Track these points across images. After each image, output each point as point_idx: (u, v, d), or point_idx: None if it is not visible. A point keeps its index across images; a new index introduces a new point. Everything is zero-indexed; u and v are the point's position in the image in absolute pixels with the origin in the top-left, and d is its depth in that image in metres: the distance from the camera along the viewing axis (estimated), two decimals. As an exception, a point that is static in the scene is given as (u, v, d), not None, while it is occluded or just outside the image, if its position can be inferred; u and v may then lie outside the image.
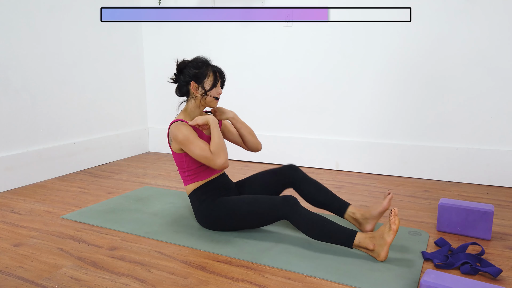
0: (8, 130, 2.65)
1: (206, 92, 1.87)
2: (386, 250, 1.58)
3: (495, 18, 2.57)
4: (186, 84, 1.88)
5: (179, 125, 1.82)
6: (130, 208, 2.25)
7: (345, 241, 1.63)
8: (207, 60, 1.90)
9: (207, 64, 1.88)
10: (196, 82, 1.86)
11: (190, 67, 1.86)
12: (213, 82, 1.87)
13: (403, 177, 2.94)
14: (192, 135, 1.79)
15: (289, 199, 1.72)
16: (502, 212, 2.18)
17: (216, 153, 1.76)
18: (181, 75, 1.89)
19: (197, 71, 1.85)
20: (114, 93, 3.52)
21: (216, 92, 1.89)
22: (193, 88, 1.87)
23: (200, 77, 1.85)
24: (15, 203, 2.36)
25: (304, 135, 3.25)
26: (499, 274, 1.46)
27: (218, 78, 1.89)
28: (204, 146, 1.78)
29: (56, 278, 1.49)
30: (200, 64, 1.86)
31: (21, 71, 2.71)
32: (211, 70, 1.87)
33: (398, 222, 1.57)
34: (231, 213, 1.81)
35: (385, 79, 2.92)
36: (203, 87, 1.86)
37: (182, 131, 1.79)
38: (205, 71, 1.86)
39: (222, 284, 1.45)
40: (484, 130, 2.69)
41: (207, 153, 1.76)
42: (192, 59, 1.91)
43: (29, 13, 2.73)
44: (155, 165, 3.35)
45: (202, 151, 1.76)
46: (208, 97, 1.88)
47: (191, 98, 1.91)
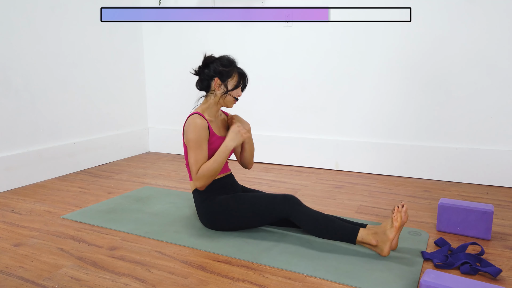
0: (8, 130, 2.65)
1: (228, 91, 1.87)
2: (389, 246, 1.59)
3: (495, 18, 2.57)
4: (209, 78, 1.88)
5: (196, 119, 1.82)
6: (130, 208, 2.25)
7: (349, 237, 1.65)
8: (234, 61, 1.91)
9: (234, 65, 1.89)
10: (220, 79, 1.86)
11: (218, 63, 1.87)
12: (236, 83, 1.87)
13: (403, 177, 2.94)
14: (200, 141, 1.80)
15: (290, 197, 1.75)
16: (502, 212, 2.18)
17: (201, 177, 1.78)
18: (206, 69, 1.88)
19: (224, 69, 1.85)
20: (114, 93, 3.52)
21: (237, 93, 1.89)
22: (216, 84, 1.87)
23: (225, 75, 1.85)
24: (15, 203, 2.36)
25: (304, 135, 3.25)
26: (499, 274, 1.46)
27: (241, 81, 1.90)
28: (200, 159, 1.79)
29: (56, 278, 1.49)
30: (228, 63, 1.87)
31: (22, 71, 2.71)
32: (237, 71, 1.88)
33: (400, 220, 1.58)
34: (231, 211, 1.82)
35: (385, 79, 2.92)
36: (226, 86, 1.86)
37: (196, 131, 1.80)
38: (231, 71, 1.86)
39: (222, 284, 1.45)
40: (484, 130, 2.69)
41: (195, 169, 1.78)
42: (220, 56, 1.91)
43: (29, 13, 2.73)
44: (155, 165, 3.35)
45: (194, 164, 1.79)
46: (228, 97, 1.88)
47: (211, 94, 1.90)
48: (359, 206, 2.31)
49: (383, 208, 2.27)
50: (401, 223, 1.59)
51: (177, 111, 3.79)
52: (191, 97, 3.68)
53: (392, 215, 1.60)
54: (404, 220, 1.61)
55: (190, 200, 2.37)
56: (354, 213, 2.19)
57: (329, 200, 2.41)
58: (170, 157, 3.69)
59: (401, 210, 1.61)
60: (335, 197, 2.47)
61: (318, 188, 2.68)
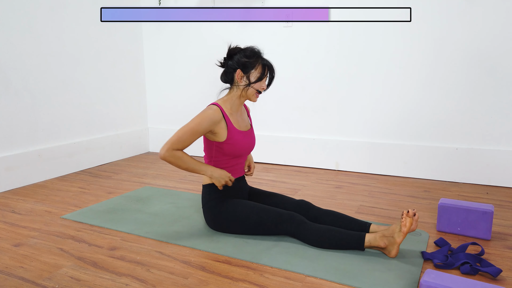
0: (8, 130, 2.65)
1: (250, 84, 1.80)
2: (396, 249, 1.61)
3: (495, 18, 2.57)
4: (232, 71, 1.81)
5: (210, 109, 1.77)
6: (130, 208, 2.25)
7: (356, 245, 1.65)
8: (259, 52, 1.83)
9: (258, 56, 1.81)
10: (242, 71, 1.80)
11: (241, 54, 1.80)
12: (259, 75, 1.80)
13: (403, 177, 2.94)
14: (197, 129, 1.73)
15: (296, 216, 1.76)
16: (502, 212, 2.18)
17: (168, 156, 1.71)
18: (229, 61, 1.82)
19: (247, 60, 1.78)
20: (114, 93, 3.52)
21: (260, 86, 1.82)
22: (238, 76, 1.80)
23: (248, 66, 1.79)
24: (15, 203, 2.36)
25: (304, 135, 3.25)
26: (499, 274, 1.46)
27: (266, 73, 1.82)
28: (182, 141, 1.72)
29: (56, 278, 1.49)
30: (251, 54, 1.80)
31: (21, 71, 2.71)
32: (261, 62, 1.80)
33: (409, 225, 1.57)
34: (237, 218, 1.81)
35: (385, 79, 2.92)
36: (248, 78, 1.80)
37: (201, 118, 1.74)
38: (255, 62, 1.79)
39: (222, 284, 1.45)
40: (484, 130, 2.69)
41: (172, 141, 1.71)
42: (244, 47, 1.84)
43: (29, 13, 2.73)
44: (155, 165, 3.35)
45: (175, 137, 1.72)
46: (251, 89, 1.81)
47: (234, 86, 1.84)
48: (359, 206, 2.31)
49: (383, 208, 2.27)
50: (409, 229, 1.58)
51: (177, 111, 3.79)
52: (191, 97, 3.69)
53: (401, 220, 1.60)
54: (413, 227, 1.59)
55: (190, 200, 2.37)
56: (354, 213, 2.19)
57: (329, 200, 2.41)
58: (170, 157, 3.68)
59: (411, 216, 1.59)
60: (335, 197, 2.47)
61: (318, 188, 2.68)
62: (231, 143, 1.82)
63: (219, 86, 1.94)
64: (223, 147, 1.82)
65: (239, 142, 1.84)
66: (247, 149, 1.91)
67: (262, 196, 2.00)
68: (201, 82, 3.60)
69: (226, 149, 1.82)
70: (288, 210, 1.87)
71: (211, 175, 1.78)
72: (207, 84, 3.56)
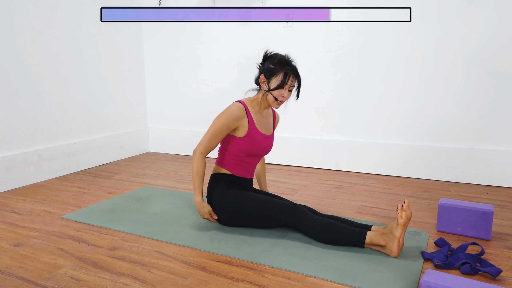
0: (8, 130, 2.65)
1: (269, 90, 1.83)
2: (396, 245, 1.60)
3: (495, 18, 2.57)
4: (259, 73, 1.88)
5: (233, 106, 1.83)
6: (130, 208, 2.25)
7: (357, 241, 1.66)
8: (285, 60, 1.84)
9: (282, 63, 1.82)
10: (265, 76, 1.84)
11: (269, 60, 1.84)
12: (279, 83, 1.81)
13: (403, 177, 2.94)
14: (222, 127, 1.80)
15: (299, 207, 1.77)
16: (502, 212, 2.18)
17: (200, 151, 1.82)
18: (261, 65, 1.89)
19: (270, 66, 1.82)
20: (114, 93, 3.52)
21: (279, 94, 1.82)
22: (261, 80, 1.86)
23: (271, 73, 1.82)
24: (15, 203, 2.36)
25: (304, 135, 3.25)
26: (499, 274, 1.46)
27: (286, 82, 1.81)
28: (210, 144, 1.81)
29: (56, 278, 1.49)
30: (276, 61, 1.82)
31: (21, 71, 2.71)
32: (283, 71, 1.81)
33: (405, 217, 1.58)
34: (239, 208, 1.83)
35: (385, 79, 2.92)
36: (268, 84, 1.84)
37: (225, 115, 1.81)
38: (277, 69, 1.81)
39: (222, 284, 1.45)
40: (484, 130, 2.69)
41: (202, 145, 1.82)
42: (275, 53, 1.87)
43: (29, 13, 2.73)
44: (155, 165, 3.35)
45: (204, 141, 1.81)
46: (270, 96, 1.84)
47: (260, 90, 1.91)
48: (359, 206, 2.31)
49: (383, 208, 2.27)
50: (406, 220, 1.59)
51: (177, 111, 3.79)
52: (191, 97, 3.69)
53: (397, 214, 1.61)
54: (408, 215, 1.60)
55: (190, 200, 2.37)
56: (354, 213, 2.19)
57: (329, 200, 2.41)
58: (170, 157, 3.69)
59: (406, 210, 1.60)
60: (335, 197, 2.47)
61: (318, 188, 2.68)
62: (248, 141, 1.85)
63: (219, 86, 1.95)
64: (240, 142, 1.85)
65: (256, 141, 1.87)
66: (263, 150, 1.94)
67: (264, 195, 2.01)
68: (201, 82, 3.60)
69: (242, 145, 1.86)
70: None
71: (195, 203, 1.86)
72: (207, 84, 3.57)
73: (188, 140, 3.73)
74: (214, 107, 3.60)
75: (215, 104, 3.58)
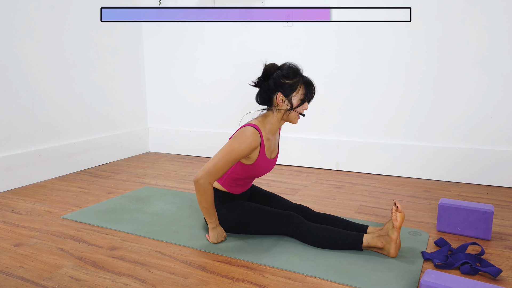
0: (8, 130, 2.65)
1: (293, 108, 1.65)
2: (394, 246, 1.60)
3: (495, 18, 2.57)
4: (270, 92, 1.66)
5: (253, 135, 1.62)
6: (130, 208, 2.25)
7: (355, 245, 1.65)
8: (299, 70, 1.67)
9: (298, 75, 1.65)
10: (283, 94, 1.64)
11: (279, 74, 1.64)
12: (302, 97, 1.65)
13: (403, 177, 2.94)
14: (235, 155, 1.62)
15: (294, 217, 1.75)
16: (502, 212, 2.18)
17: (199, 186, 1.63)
18: (266, 82, 1.67)
19: (287, 81, 1.63)
20: (114, 93, 3.52)
21: (303, 108, 1.67)
22: (279, 99, 1.65)
23: (289, 89, 1.63)
24: (15, 203, 2.36)
25: (304, 135, 3.25)
26: (499, 274, 1.46)
27: (308, 94, 1.66)
28: (218, 169, 1.62)
29: (56, 278, 1.49)
30: (292, 74, 1.64)
31: (21, 71, 2.71)
32: (302, 82, 1.65)
33: (400, 219, 1.58)
34: (235, 221, 1.81)
35: (385, 79, 2.92)
36: (290, 101, 1.64)
37: (243, 144, 1.61)
38: (296, 83, 1.63)
39: (222, 284, 1.45)
40: (484, 130, 2.69)
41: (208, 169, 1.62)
42: (283, 65, 1.68)
43: (29, 13, 2.73)
44: (155, 165, 3.35)
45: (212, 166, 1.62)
46: (293, 113, 1.67)
47: (274, 109, 1.69)
48: (359, 206, 2.31)
49: (383, 208, 2.27)
50: (401, 222, 1.59)
51: (177, 111, 3.79)
52: (191, 97, 3.69)
53: (392, 217, 1.61)
54: (403, 216, 1.60)
55: (190, 200, 2.37)
56: (354, 213, 2.19)
57: (329, 200, 2.41)
58: (170, 157, 3.69)
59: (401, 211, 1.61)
60: (335, 197, 2.47)
61: (318, 188, 2.68)
62: (254, 168, 1.74)
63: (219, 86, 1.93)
64: (244, 168, 1.74)
65: (262, 168, 1.77)
66: (264, 173, 1.83)
67: (261, 196, 2.00)
68: (201, 82, 3.60)
69: (245, 171, 1.75)
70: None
71: (217, 232, 1.74)
72: (207, 84, 3.57)
73: (188, 140, 3.73)
74: (214, 107, 3.60)
75: (215, 104, 3.58)
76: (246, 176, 1.79)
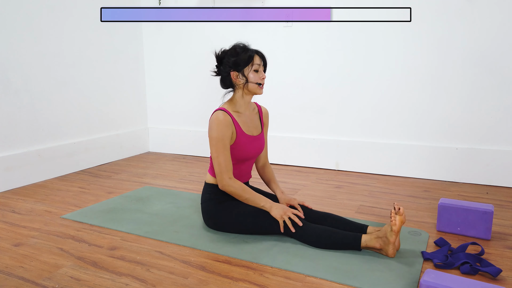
0: (8, 130, 2.65)
1: (248, 81, 1.77)
2: (392, 248, 1.60)
3: (495, 18, 2.57)
4: (227, 74, 1.79)
5: (219, 114, 1.74)
6: (130, 208, 2.25)
7: (353, 245, 1.65)
8: (245, 45, 1.79)
9: (245, 49, 1.77)
10: (236, 70, 1.77)
11: (229, 55, 1.77)
12: (254, 68, 1.76)
13: (403, 177, 2.94)
14: (223, 139, 1.73)
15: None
16: (502, 212, 2.18)
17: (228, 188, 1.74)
18: (221, 66, 1.80)
19: (235, 58, 1.75)
20: (114, 93, 3.52)
21: (258, 77, 1.78)
22: (234, 77, 1.78)
23: (240, 64, 1.75)
24: (15, 203, 2.36)
25: (304, 135, 3.25)
26: (499, 274, 1.46)
27: (260, 62, 1.78)
28: (223, 161, 1.73)
29: (56, 278, 1.49)
30: (239, 50, 1.76)
31: (21, 71, 2.71)
32: (250, 54, 1.76)
33: (399, 223, 1.57)
34: (233, 220, 1.82)
35: (385, 79, 2.92)
36: (244, 75, 1.77)
37: (219, 128, 1.72)
38: (244, 56, 1.75)
39: (222, 284, 1.45)
40: (484, 130, 2.69)
41: (218, 170, 1.74)
42: (230, 47, 1.81)
43: (29, 13, 2.73)
44: (155, 165, 3.35)
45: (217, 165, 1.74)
46: (251, 84, 1.78)
47: (236, 88, 1.83)
48: (359, 206, 2.31)
49: (383, 208, 2.27)
50: (400, 226, 1.58)
51: (177, 111, 3.79)
52: (191, 96, 3.69)
53: (391, 219, 1.59)
54: (403, 220, 1.59)
55: (190, 200, 2.38)
56: (354, 213, 2.19)
57: (329, 200, 2.41)
58: (170, 157, 3.69)
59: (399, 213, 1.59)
60: (335, 197, 2.47)
61: (318, 188, 2.68)
62: (237, 147, 1.80)
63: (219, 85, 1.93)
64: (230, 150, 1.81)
65: (245, 146, 1.82)
66: (253, 153, 1.89)
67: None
68: (201, 82, 3.60)
69: (232, 152, 1.81)
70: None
71: (271, 210, 1.74)
72: (207, 84, 3.56)
73: (188, 140, 3.73)
74: (214, 107, 3.60)
75: (215, 104, 3.58)
76: (236, 159, 1.82)
